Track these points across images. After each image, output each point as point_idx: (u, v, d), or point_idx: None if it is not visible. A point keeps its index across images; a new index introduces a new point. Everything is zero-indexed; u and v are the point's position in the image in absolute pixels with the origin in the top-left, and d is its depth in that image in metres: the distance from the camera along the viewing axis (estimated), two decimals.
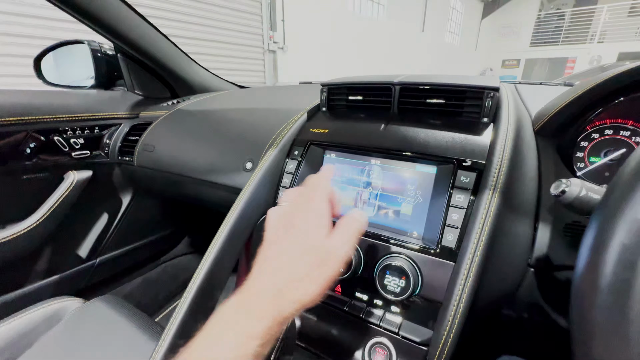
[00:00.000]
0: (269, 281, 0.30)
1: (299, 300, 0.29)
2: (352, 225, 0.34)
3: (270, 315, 0.28)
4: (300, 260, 0.30)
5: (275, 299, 0.28)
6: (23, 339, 0.61)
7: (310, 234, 0.31)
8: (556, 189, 0.33)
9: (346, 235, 0.33)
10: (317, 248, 0.31)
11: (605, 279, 0.20)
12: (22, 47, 2.48)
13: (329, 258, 0.31)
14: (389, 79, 0.56)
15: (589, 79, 0.47)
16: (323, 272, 0.30)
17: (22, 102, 0.79)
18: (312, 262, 0.30)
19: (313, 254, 0.30)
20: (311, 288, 0.29)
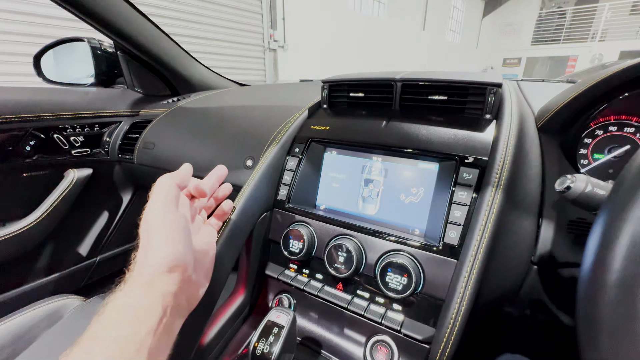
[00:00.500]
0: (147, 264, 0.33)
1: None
2: (156, 189, 0.36)
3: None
4: (144, 265, 0.32)
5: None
6: (24, 336, 0.61)
7: (149, 239, 0.33)
8: (561, 184, 0.32)
9: (152, 202, 0.35)
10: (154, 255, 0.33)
11: (614, 274, 0.19)
12: (22, 45, 2.48)
13: (152, 252, 0.33)
14: (391, 75, 0.55)
15: (592, 75, 0.47)
16: (171, 279, 0.32)
17: (22, 100, 0.78)
18: (154, 270, 0.32)
19: (153, 261, 0.32)
20: (163, 287, 0.31)
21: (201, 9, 3.88)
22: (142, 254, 0.33)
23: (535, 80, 0.84)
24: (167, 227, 0.34)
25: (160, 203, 0.35)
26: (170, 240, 0.33)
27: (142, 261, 0.32)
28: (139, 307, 0.30)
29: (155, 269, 0.31)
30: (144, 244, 0.33)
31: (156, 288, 0.31)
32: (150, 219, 0.34)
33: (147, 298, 0.30)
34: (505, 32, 11.75)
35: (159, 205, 0.35)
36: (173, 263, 0.32)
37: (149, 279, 0.31)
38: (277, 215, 0.57)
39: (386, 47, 7.24)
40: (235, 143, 0.74)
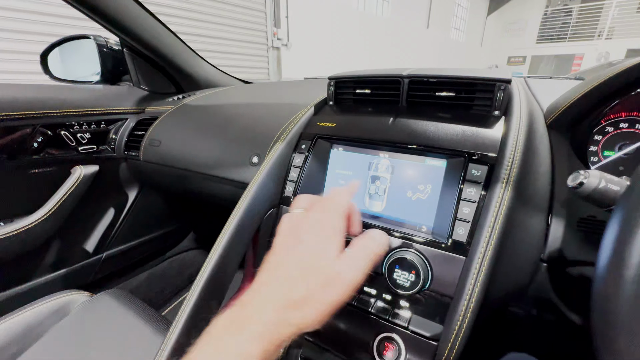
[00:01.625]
0: (268, 300, 0.27)
1: (297, 324, 0.26)
2: (368, 247, 0.31)
3: (266, 338, 0.25)
4: (302, 280, 0.27)
5: (273, 321, 0.26)
6: (31, 331, 0.62)
7: (317, 252, 0.29)
8: (574, 180, 0.32)
9: (358, 259, 0.29)
10: (322, 269, 0.28)
11: (632, 270, 0.19)
12: (29, 43, 2.49)
13: (335, 282, 0.27)
14: (398, 72, 0.55)
15: (602, 71, 0.46)
16: (326, 297, 0.27)
17: (29, 97, 0.79)
18: (315, 284, 0.27)
19: (317, 275, 0.27)
20: (310, 313, 0.26)
21: (205, 7, 3.88)
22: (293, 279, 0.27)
23: (543, 78, 0.83)
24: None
25: (334, 219, 0.31)
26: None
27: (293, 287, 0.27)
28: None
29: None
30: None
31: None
32: (322, 234, 0.29)
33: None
34: (510, 30, 11.65)
35: (332, 219, 0.31)
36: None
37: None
38: (284, 212, 0.57)
39: (390, 45, 7.21)
40: (241, 140, 0.74)
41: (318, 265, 0.28)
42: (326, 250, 0.29)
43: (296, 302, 0.26)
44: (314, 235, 0.30)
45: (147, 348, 0.57)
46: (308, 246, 0.29)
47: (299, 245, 0.29)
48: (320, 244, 0.29)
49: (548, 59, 11.08)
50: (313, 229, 0.30)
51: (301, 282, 0.27)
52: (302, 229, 0.31)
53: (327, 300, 0.27)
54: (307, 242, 0.29)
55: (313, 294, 0.27)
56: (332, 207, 0.32)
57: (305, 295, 0.26)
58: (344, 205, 0.33)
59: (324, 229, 0.30)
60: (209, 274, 0.48)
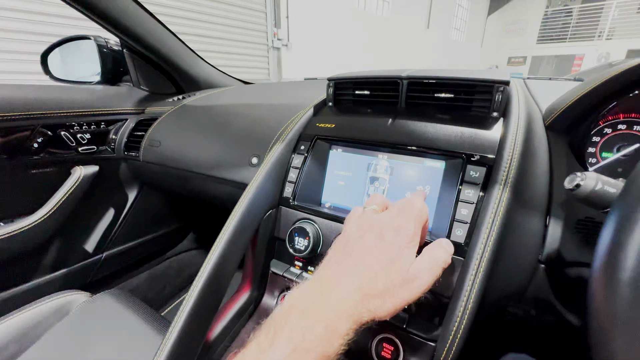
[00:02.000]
0: (354, 282, 0.29)
1: (375, 312, 0.29)
2: (440, 255, 0.33)
3: (352, 319, 0.28)
4: (386, 273, 0.30)
5: (357, 303, 0.28)
6: (31, 331, 0.62)
7: (399, 254, 0.31)
8: (571, 182, 0.32)
9: (432, 263, 0.32)
10: (402, 270, 0.30)
11: (627, 273, 0.19)
12: (29, 43, 2.50)
13: (411, 283, 0.30)
14: (397, 73, 0.55)
15: (601, 73, 0.46)
16: (403, 293, 0.30)
17: (30, 97, 0.79)
18: (396, 281, 0.30)
19: (398, 273, 0.30)
20: (388, 305, 0.29)
21: (205, 8, 3.88)
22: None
23: (542, 79, 0.83)
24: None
25: (414, 225, 0.33)
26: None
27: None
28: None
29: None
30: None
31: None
32: (404, 236, 0.32)
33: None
34: (511, 30, 11.64)
35: (413, 225, 0.33)
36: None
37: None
38: (283, 213, 0.57)
39: (390, 45, 7.21)
40: (241, 141, 0.74)
41: (399, 265, 0.31)
42: (407, 254, 0.31)
43: (378, 293, 0.29)
44: (397, 237, 0.32)
45: (146, 348, 0.57)
46: (392, 247, 0.32)
47: (382, 242, 0.32)
48: (403, 247, 0.32)
49: (548, 59, 11.07)
50: (397, 231, 0.33)
51: (384, 276, 0.30)
52: (385, 228, 0.33)
53: (403, 297, 0.30)
54: (390, 242, 0.32)
55: (392, 288, 0.29)
56: (414, 213, 0.34)
57: (386, 289, 0.29)
58: (424, 213, 0.35)
59: (407, 234, 0.32)
60: (208, 274, 0.48)
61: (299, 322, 0.27)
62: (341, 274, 0.31)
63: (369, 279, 0.30)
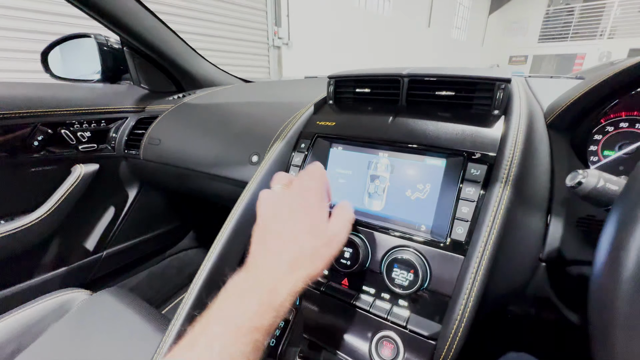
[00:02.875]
0: (277, 259, 0.32)
1: (308, 274, 0.32)
2: (347, 213, 0.39)
3: (284, 290, 0.30)
4: (306, 239, 0.33)
5: (287, 274, 0.31)
6: (32, 329, 0.62)
7: (314, 217, 0.35)
8: (572, 180, 0.32)
9: (343, 221, 0.37)
10: (322, 230, 0.35)
11: (629, 270, 0.19)
12: (29, 42, 2.50)
13: (333, 241, 0.35)
14: (398, 70, 0.55)
15: (603, 70, 0.46)
16: (328, 252, 0.34)
17: (30, 95, 0.79)
18: (319, 243, 0.34)
19: (318, 234, 0.34)
20: (317, 265, 0.33)
21: (206, 6, 3.88)
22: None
23: (543, 77, 0.83)
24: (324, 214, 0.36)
25: (321, 191, 0.37)
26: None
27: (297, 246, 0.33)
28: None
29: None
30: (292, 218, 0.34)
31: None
32: (312, 203, 0.36)
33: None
34: (512, 29, 11.62)
35: (318, 190, 0.37)
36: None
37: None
38: None
39: (391, 44, 7.19)
40: (241, 139, 0.74)
41: (318, 229, 0.35)
42: (323, 217, 0.36)
43: (307, 258, 0.33)
44: (307, 204, 0.36)
45: (146, 346, 0.57)
46: (306, 213, 0.35)
47: (296, 213, 0.35)
48: (318, 212, 0.35)
49: (550, 58, 11.05)
50: (305, 199, 0.36)
51: (308, 242, 0.33)
52: (294, 199, 0.36)
53: (328, 255, 0.34)
54: (303, 209, 0.35)
55: (318, 250, 0.33)
56: (316, 177, 0.38)
57: (313, 253, 0.33)
58: (324, 179, 0.39)
59: (315, 197, 0.36)
60: (208, 272, 0.48)
61: (232, 308, 0.29)
62: (268, 254, 0.33)
63: (296, 250, 0.32)
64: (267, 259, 0.32)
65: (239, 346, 0.26)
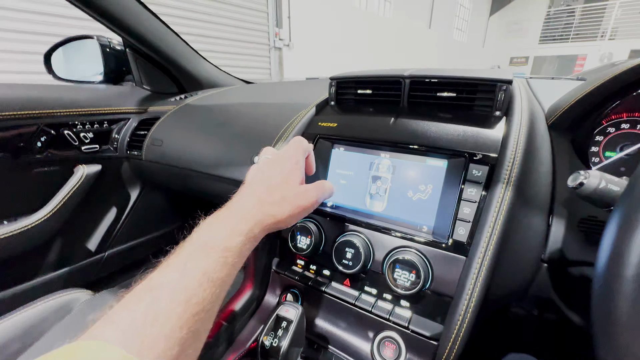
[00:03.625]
0: (249, 197, 0.38)
1: (275, 215, 0.37)
2: (324, 184, 0.44)
3: (251, 219, 0.35)
4: (278, 189, 0.39)
5: (256, 207, 0.36)
6: (34, 329, 0.62)
7: (288, 176, 0.40)
8: (574, 180, 0.32)
9: (319, 185, 0.43)
10: (293, 186, 0.40)
11: (630, 271, 0.19)
12: (32, 43, 2.51)
13: (304, 193, 0.40)
14: (399, 72, 0.55)
15: (604, 72, 0.46)
16: (296, 201, 0.39)
17: (33, 96, 0.80)
18: (288, 193, 0.39)
19: (289, 188, 0.39)
20: (286, 207, 0.38)
21: (207, 8, 3.89)
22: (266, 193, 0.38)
23: (544, 78, 0.83)
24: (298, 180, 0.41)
25: (296, 158, 0.42)
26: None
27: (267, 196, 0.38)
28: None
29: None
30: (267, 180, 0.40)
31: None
32: (288, 166, 0.41)
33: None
34: (513, 30, 11.62)
35: (297, 158, 0.43)
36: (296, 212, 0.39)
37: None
38: None
39: (392, 45, 7.20)
40: (243, 140, 0.75)
41: (291, 181, 0.40)
42: (296, 178, 0.41)
43: (275, 201, 0.38)
44: (285, 166, 0.41)
45: None
46: (282, 171, 0.41)
47: (273, 170, 0.41)
48: (291, 171, 0.41)
49: (551, 59, 11.04)
50: (284, 162, 0.42)
51: (278, 190, 0.39)
52: (275, 162, 0.42)
53: (297, 204, 0.39)
54: (281, 169, 0.41)
55: (287, 197, 0.38)
56: (295, 146, 0.44)
57: (282, 198, 0.38)
58: (305, 145, 0.45)
59: (292, 162, 0.42)
60: None
61: (208, 229, 0.33)
62: (243, 196, 0.38)
63: (266, 192, 0.38)
64: (241, 198, 0.38)
65: (208, 262, 0.30)
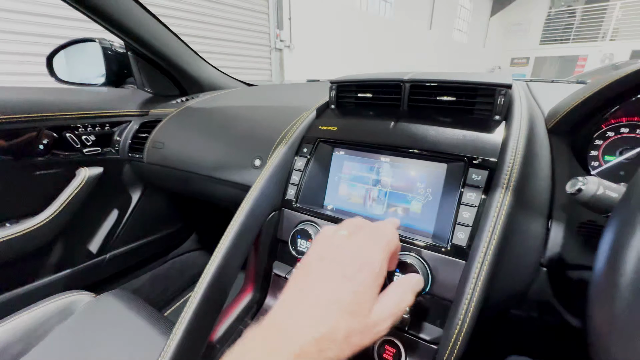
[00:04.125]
0: (312, 331, 0.27)
1: (330, 358, 0.27)
2: (405, 298, 0.32)
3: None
4: (346, 320, 0.28)
5: (309, 351, 0.26)
6: (36, 331, 0.62)
7: (363, 294, 0.29)
8: (572, 187, 0.32)
9: (395, 308, 0.30)
10: (365, 309, 0.29)
11: (627, 277, 0.20)
12: (35, 45, 2.52)
13: (373, 328, 0.29)
14: (399, 76, 0.55)
15: (604, 76, 0.46)
16: (361, 340, 0.28)
17: (35, 99, 0.80)
18: (356, 328, 0.28)
19: (360, 318, 0.28)
20: (345, 352, 0.28)
21: (208, 10, 3.91)
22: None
23: (544, 81, 0.83)
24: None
25: (382, 259, 0.31)
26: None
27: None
28: None
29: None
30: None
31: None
32: (374, 269, 0.30)
33: None
34: (513, 31, 11.62)
35: (379, 258, 0.31)
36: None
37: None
38: (285, 215, 0.58)
39: (392, 46, 7.21)
40: (244, 143, 0.75)
41: (361, 310, 0.28)
42: (370, 296, 0.29)
43: (337, 342, 0.27)
44: (360, 274, 0.29)
45: (150, 348, 0.58)
46: (355, 286, 0.29)
47: (343, 279, 0.29)
48: (367, 288, 0.29)
49: (552, 60, 11.03)
50: (361, 267, 0.30)
51: (344, 325, 0.27)
52: (348, 260, 0.31)
53: (360, 344, 0.28)
54: (352, 279, 0.29)
55: (351, 336, 0.28)
56: (383, 243, 0.32)
57: (345, 337, 0.27)
58: (393, 243, 0.33)
59: (372, 270, 0.30)
60: (212, 275, 0.48)
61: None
62: (299, 319, 0.28)
63: (329, 328, 0.27)
64: (294, 328, 0.28)
65: None
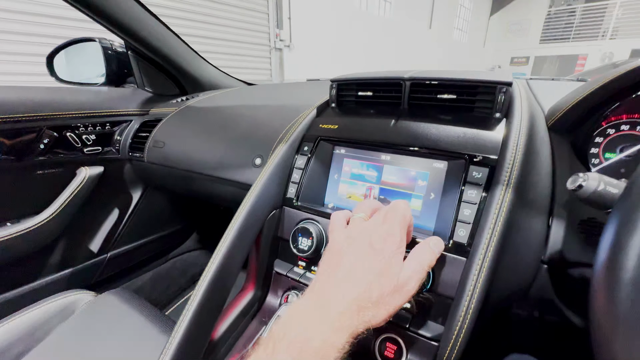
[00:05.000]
0: (350, 293, 0.31)
1: (369, 321, 0.30)
2: (426, 257, 0.36)
3: (347, 330, 0.29)
4: (377, 285, 0.31)
5: (353, 315, 0.30)
6: (37, 330, 0.63)
7: (390, 262, 0.33)
8: (573, 183, 0.32)
9: (419, 267, 0.34)
10: (393, 278, 0.32)
11: (628, 273, 0.20)
12: (35, 45, 2.52)
13: (401, 290, 0.32)
14: (400, 74, 0.55)
15: (604, 73, 0.46)
16: (394, 301, 0.32)
17: (36, 99, 0.80)
18: (387, 289, 0.31)
19: (389, 282, 0.32)
20: (381, 313, 0.31)
21: (208, 9, 3.90)
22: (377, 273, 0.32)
23: (544, 79, 0.83)
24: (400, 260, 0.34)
25: (401, 230, 0.35)
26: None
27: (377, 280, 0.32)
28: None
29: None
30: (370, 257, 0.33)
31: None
32: (391, 247, 0.34)
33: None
34: (513, 30, 11.60)
35: (399, 231, 0.35)
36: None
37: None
38: (286, 213, 0.58)
39: (392, 45, 7.20)
40: (244, 142, 0.75)
41: (390, 274, 0.32)
42: (396, 262, 0.33)
43: (372, 303, 0.31)
44: (385, 245, 0.34)
45: (151, 347, 0.58)
46: (382, 255, 0.33)
47: (372, 251, 0.33)
48: (392, 255, 0.33)
49: (551, 59, 11.02)
50: (384, 239, 0.34)
51: (377, 286, 0.31)
52: (373, 236, 0.35)
53: (394, 304, 0.32)
54: (380, 250, 0.33)
55: (385, 297, 0.31)
56: (399, 218, 0.36)
57: (379, 299, 0.31)
58: (408, 217, 0.37)
59: (394, 240, 0.34)
60: (213, 274, 0.48)
61: (296, 337, 0.28)
62: (336, 286, 0.32)
63: (364, 289, 0.31)
64: (335, 293, 0.31)
65: None
